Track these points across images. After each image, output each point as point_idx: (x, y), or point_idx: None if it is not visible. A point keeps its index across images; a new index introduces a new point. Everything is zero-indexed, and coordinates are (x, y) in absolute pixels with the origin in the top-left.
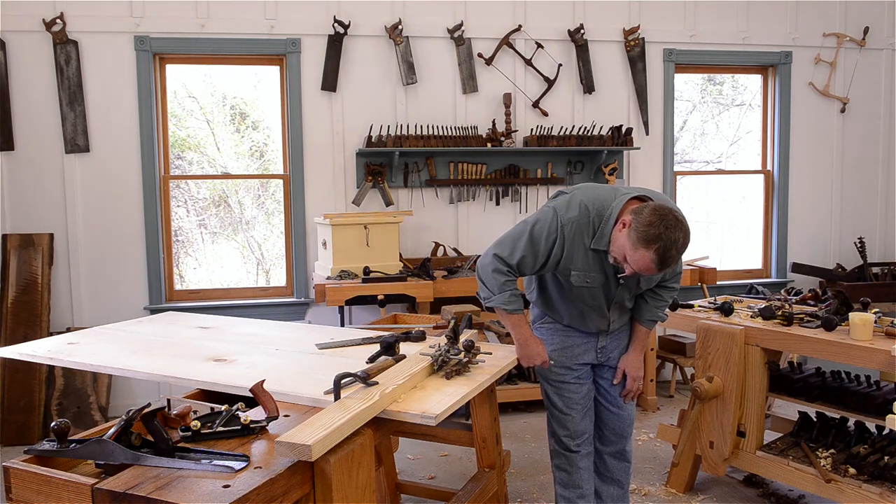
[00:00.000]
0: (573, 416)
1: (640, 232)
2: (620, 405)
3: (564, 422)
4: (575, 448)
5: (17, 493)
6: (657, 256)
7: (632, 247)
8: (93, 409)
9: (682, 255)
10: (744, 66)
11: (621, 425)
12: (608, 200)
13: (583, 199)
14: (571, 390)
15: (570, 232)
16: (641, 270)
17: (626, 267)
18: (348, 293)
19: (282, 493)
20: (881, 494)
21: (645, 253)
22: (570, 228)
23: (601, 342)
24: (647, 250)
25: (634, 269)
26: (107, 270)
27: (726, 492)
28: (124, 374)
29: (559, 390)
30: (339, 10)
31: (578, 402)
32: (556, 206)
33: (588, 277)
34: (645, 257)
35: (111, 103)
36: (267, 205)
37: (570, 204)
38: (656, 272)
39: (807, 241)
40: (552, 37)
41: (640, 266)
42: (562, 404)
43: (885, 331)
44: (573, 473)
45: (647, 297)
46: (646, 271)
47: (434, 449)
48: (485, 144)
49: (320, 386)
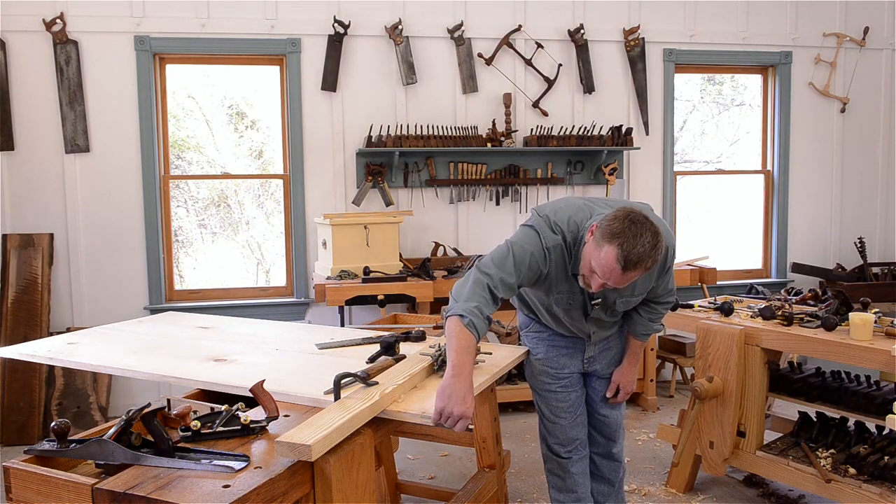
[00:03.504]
0: (561, 423)
1: (603, 229)
2: (607, 412)
3: (553, 430)
4: (566, 455)
5: (17, 493)
6: (621, 252)
7: (595, 247)
8: (93, 409)
9: (652, 260)
10: (744, 66)
11: (608, 430)
12: (583, 221)
13: (557, 221)
14: (559, 398)
15: (556, 256)
16: (607, 275)
17: (593, 280)
18: (348, 293)
19: (282, 493)
20: (881, 494)
21: (608, 249)
22: (556, 252)
23: (588, 352)
24: (610, 245)
25: (600, 277)
26: (107, 270)
27: (726, 492)
28: (124, 374)
29: (545, 399)
30: (339, 10)
31: (566, 411)
32: (539, 227)
33: (571, 299)
34: (609, 255)
35: (111, 103)
36: (267, 205)
37: (551, 226)
38: (621, 275)
39: (807, 241)
40: (552, 37)
41: (604, 267)
42: (549, 412)
43: (885, 331)
44: (566, 478)
45: (640, 310)
46: (611, 275)
47: (434, 449)
48: (485, 144)
49: (320, 386)
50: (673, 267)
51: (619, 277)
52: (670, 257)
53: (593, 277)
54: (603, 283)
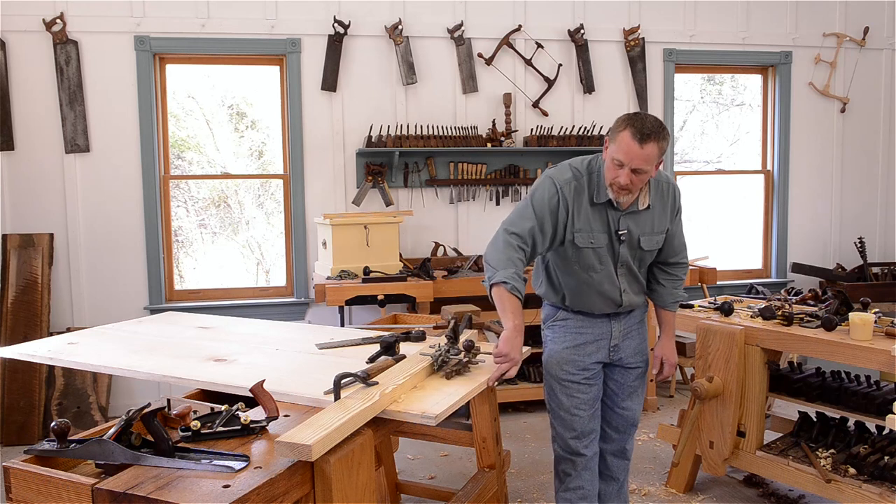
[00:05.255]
0: (581, 416)
1: (613, 128)
2: (628, 404)
3: (572, 423)
4: (583, 450)
5: (17, 493)
6: (634, 129)
7: (612, 142)
8: (93, 409)
9: (663, 136)
10: (744, 66)
11: (625, 424)
12: (595, 160)
13: (572, 164)
14: (581, 390)
15: (569, 192)
16: (629, 155)
17: (620, 174)
18: (348, 293)
19: (282, 493)
20: (881, 494)
21: (623, 134)
22: (569, 188)
23: (614, 338)
24: (624, 130)
25: (624, 161)
26: (107, 270)
27: (726, 492)
28: (124, 374)
29: (568, 389)
30: (339, 10)
31: (586, 403)
32: (550, 174)
33: (592, 238)
34: (625, 136)
35: (111, 103)
36: (267, 205)
37: (561, 170)
38: (640, 150)
39: (807, 241)
40: (552, 37)
41: (624, 149)
42: (569, 404)
43: (885, 331)
44: (577, 477)
45: (661, 280)
46: (631, 153)
47: (434, 449)
48: (485, 144)
49: (320, 386)
50: (682, 217)
51: (639, 153)
52: (678, 196)
53: (620, 172)
54: (629, 171)
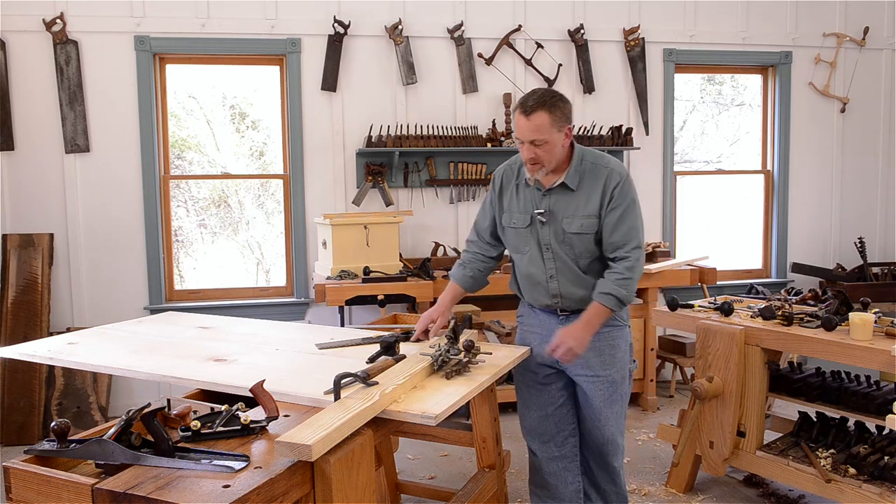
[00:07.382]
0: (526, 414)
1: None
2: (596, 424)
3: (521, 417)
4: (535, 448)
5: (17, 493)
6: (519, 104)
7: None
8: (93, 409)
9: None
10: (744, 66)
11: (598, 443)
12: None
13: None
14: (531, 393)
15: (500, 178)
16: (519, 129)
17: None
18: (348, 293)
19: (282, 493)
20: (881, 494)
21: (515, 113)
22: (500, 175)
23: None
24: (516, 110)
25: (517, 135)
26: (107, 270)
27: (726, 492)
28: (124, 374)
29: (518, 386)
30: (339, 10)
31: (535, 404)
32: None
33: (514, 218)
34: (516, 115)
35: (111, 103)
36: (267, 205)
37: (508, 161)
38: (526, 122)
39: (807, 241)
40: (552, 37)
41: (517, 126)
42: (520, 399)
43: (885, 331)
44: (539, 475)
45: (604, 273)
46: (520, 126)
47: (434, 449)
48: (485, 144)
49: (320, 386)
50: (633, 210)
51: (527, 124)
52: (621, 184)
53: (522, 149)
54: (528, 145)
